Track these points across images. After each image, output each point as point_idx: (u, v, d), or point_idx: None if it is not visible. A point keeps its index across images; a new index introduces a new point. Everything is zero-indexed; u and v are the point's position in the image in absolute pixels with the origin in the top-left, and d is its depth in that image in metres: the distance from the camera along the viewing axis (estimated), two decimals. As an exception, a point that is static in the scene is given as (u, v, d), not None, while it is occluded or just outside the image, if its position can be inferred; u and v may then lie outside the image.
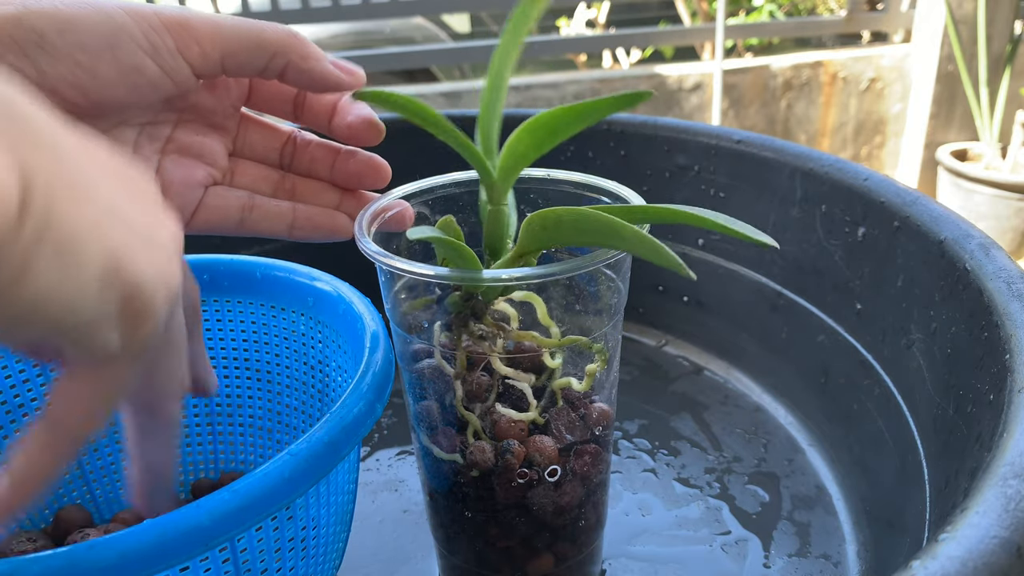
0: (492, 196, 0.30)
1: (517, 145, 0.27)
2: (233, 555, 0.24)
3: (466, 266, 0.28)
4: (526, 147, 0.27)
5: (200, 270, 0.38)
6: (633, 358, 0.58)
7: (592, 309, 0.32)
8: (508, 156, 0.28)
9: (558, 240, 0.28)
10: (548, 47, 2.00)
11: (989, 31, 1.91)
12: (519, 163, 0.28)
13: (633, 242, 0.25)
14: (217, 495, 0.22)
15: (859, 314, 0.44)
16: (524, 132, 0.27)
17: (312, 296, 0.35)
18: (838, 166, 0.45)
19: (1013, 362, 0.27)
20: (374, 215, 0.33)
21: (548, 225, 0.27)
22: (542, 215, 0.27)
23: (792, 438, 0.50)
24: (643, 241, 0.24)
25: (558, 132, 0.26)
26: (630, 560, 0.41)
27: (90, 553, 0.20)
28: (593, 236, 0.26)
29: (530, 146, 0.27)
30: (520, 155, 0.28)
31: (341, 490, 0.29)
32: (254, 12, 1.78)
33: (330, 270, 0.36)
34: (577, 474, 0.32)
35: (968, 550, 0.19)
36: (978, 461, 0.25)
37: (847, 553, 0.41)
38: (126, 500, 0.40)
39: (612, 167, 0.58)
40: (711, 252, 0.56)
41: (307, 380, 0.37)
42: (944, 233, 0.36)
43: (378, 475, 0.47)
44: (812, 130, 2.09)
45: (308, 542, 0.27)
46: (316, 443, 0.24)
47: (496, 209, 0.30)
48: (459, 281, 0.28)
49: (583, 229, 0.26)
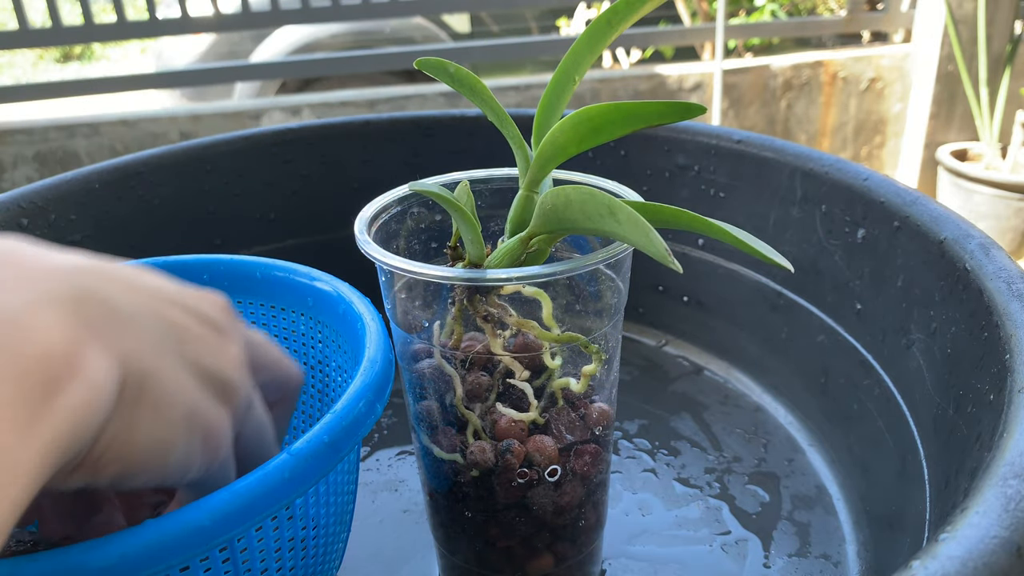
0: (526, 182, 0.30)
1: (559, 136, 0.27)
2: (233, 555, 0.24)
3: (468, 229, 0.29)
4: (567, 139, 0.27)
5: (200, 270, 0.37)
6: (633, 358, 0.58)
7: (592, 309, 0.32)
8: (548, 145, 0.27)
9: (566, 220, 0.27)
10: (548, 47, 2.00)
11: (989, 31, 1.91)
12: (558, 154, 0.28)
13: (627, 225, 0.25)
14: (217, 495, 0.22)
15: (859, 314, 0.44)
16: (568, 124, 0.26)
17: (312, 296, 0.35)
18: (838, 166, 0.45)
19: (1013, 362, 0.27)
20: (375, 215, 0.33)
21: (559, 204, 0.27)
22: (554, 193, 0.27)
23: (792, 438, 0.50)
24: (636, 225, 0.24)
25: (602, 131, 0.26)
26: (630, 560, 0.41)
27: (90, 553, 0.20)
28: (595, 220, 0.26)
29: (571, 139, 0.27)
30: (560, 146, 0.27)
31: (341, 490, 0.29)
32: (254, 12, 1.78)
33: (330, 269, 0.36)
34: (577, 474, 0.32)
35: (968, 550, 0.19)
36: (978, 461, 0.25)
37: (847, 553, 0.41)
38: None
39: (612, 167, 0.58)
40: (711, 252, 0.56)
41: (307, 380, 0.37)
42: (944, 233, 0.36)
43: (378, 475, 0.47)
44: (812, 130, 2.09)
45: (308, 542, 0.27)
46: (316, 443, 0.24)
47: (526, 195, 0.30)
48: (461, 281, 0.28)
49: (587, 212, 0.26)
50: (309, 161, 0.59)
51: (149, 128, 1.78)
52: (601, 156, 0.58)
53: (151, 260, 0.38)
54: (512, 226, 0.31)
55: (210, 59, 2.48)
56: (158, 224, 0.55)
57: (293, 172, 0.59)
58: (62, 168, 1.75)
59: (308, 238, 0.61)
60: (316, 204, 0.60)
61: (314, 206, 0.60)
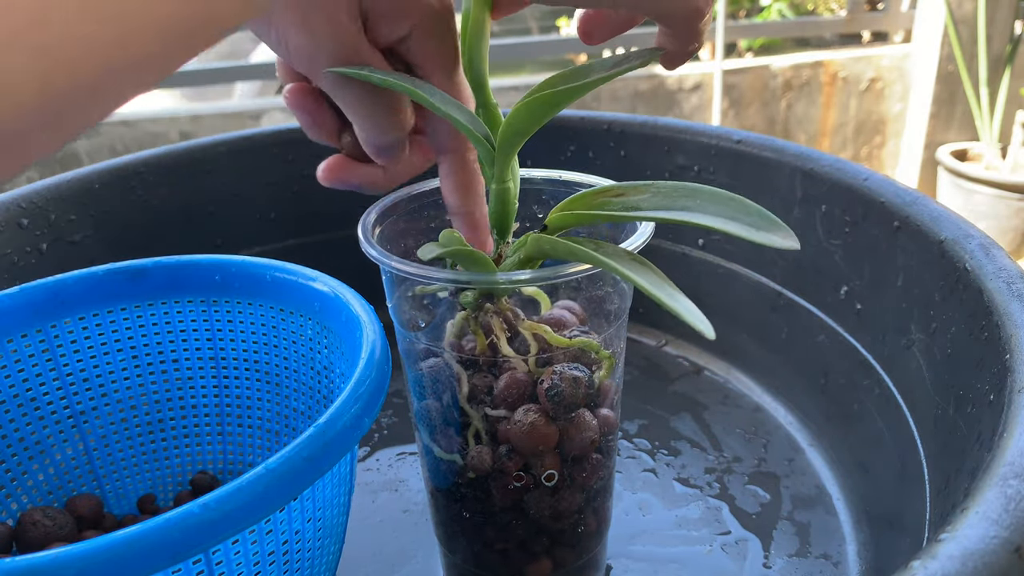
0: (495, 173, 0.30)
1: (515, 122, 0.27)
2: (208, 567, 0.24)
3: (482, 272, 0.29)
4: (522, 121, 0.27)
5: (211, 270, 0.38)
6: (633, 358, 0.58)
7: (599, 312, 0.32)
8: (507, 131, 0.28)
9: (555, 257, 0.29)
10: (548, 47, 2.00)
11: (989, 31, 1.91)
12: (517, 139, 0.28)
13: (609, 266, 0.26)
14: (189, 507, 0.21)
15: (859, 314, 0.44)
16: (521, 107, 0.26)
17: (319, 301, 0.35)
18: (838, 166, 0.45)
19: (1013, 362, 0.27)
20: (378, 218, 0.33)
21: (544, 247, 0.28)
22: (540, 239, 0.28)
23: (792, 438, 0.50)
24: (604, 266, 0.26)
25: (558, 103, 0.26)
26: (630, 560, 0.41)
27: (54, 562, 0.20)
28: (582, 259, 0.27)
29: (526, 120, 0.27)
30: (518, 131, 0.27)
31: (329, 503, 0.29)
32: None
33: (330, 269, 0.36)
34: (576, 480, 0.32)
35: (968, 550, 0.19)
36: (978, 461, 0.25)
37: (847, 553, 0.41)
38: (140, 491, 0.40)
39: (612, 167, 0.58)
40: (711, 252, 0.56)
41: (313, 385, 0.37)
42: (944, 233, 0.36)
43: (378, 475, 0.47)
44: (812, 130, 2.09)
45: (292, 555, 0.27)
46: (294, 458, 0.24)
47: (502, 188, 0.30)
48: (471, 285, 0.28)
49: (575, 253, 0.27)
50: (309, 161, 0.59)
51: (149, 128, 1.78)
52: (601, 156, 0.58)
53: (162, 259, 0.38)
54: (497, 219, 0.31)
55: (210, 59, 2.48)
56: (158, 224, 0.55)
57: (293, 172, 0.59)
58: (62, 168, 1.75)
59: (308, 238, 0.61)
60: (316, 204, 0.60)
61: (314, 206, 0.60)
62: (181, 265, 0.38)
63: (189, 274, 0.38)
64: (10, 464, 0.36)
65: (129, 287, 0.37)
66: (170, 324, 0.39)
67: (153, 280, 0.38)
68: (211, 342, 0.39)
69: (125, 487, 0.40)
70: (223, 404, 0.40)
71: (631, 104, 1.88)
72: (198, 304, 0.38)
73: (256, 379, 0.40)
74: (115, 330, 0.38)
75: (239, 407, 0.40)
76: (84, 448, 0.38)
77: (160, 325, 0.39)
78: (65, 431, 0.38)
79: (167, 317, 0.38)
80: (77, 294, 0.36)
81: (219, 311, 0.39)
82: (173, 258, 0.38)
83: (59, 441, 0.37)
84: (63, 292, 0.36)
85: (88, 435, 0.38)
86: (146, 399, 0.39)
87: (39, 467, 0.37)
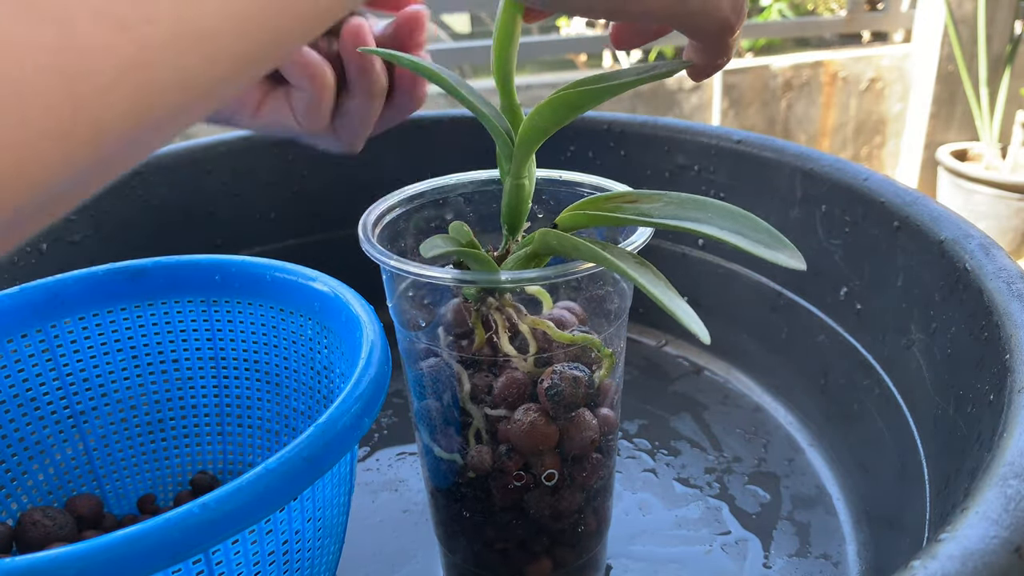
0: (512, 169, 0.30)
1: (538, 119, 0.27)
2: (208, 567, 0.24)
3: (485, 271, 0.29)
4: (546, 120, 0.27)
5: (212, 270, 0.38)
6: (633, 358, 0.58)
7: (599, 312, 0.32)
8: (528, 129, 0.28)
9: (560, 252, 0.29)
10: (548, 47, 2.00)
11: (989, 31, 1.91)
12: (539, 135, 0.28)
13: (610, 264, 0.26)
14: (189, 507, 0.21)
15: (859, 314, 0.44)
16: (545, 106, 0.27)
17: (319, 301, 0.35)
18: (838, 166, 0.45)
19: (1013, 362, 0.27)
20: (377, 218, 0.33)
21: (551, 241, 0.28)
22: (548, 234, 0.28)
23: (792, 438, 0.50)
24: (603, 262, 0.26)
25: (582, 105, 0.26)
26: (630, 560, 0.41)
27: (54, 562, 0.20)
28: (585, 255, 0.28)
29: (550, 120, 0.27)
30: (540, 128, 0.28)
31: (329, 503, 0.29)
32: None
33: (330, 269, 0.36)
34: (576, 480, 0.32)
35: (968, 550, 0.19)
36: (978, 461, 0.25)
37: (847, 553, 0.41)
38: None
39: (612, 167, 0.58)
40: (711, 252, 0.56)
41: (313, 385, 0.37)
42: (944, 233, 0.36)
43: (378, 475, 0.47)
44: (812, 130, 2.09)
45: (292, 555, 0.27)
46: (295, 458, 0.24)
47: (517, 183, 0.30)
48: (473, 284, 0.28)
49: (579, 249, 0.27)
50: (309, 161, 0.59)
51: (149, 128, 1.78)
52: (601, 156, 0.58)
53: (162, 259, 0.38)
54: (509, 215, 0.31)
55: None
56: (158, 224, 0.55)
57: (293, 172, 0.59)
58: (62, 168, 1.75)
59: (308, 238, 0.61)
60: (316, 204, 0.60)
61: (314, 206, 0.60)
62: (181, 265, 0.38)
63: (189, 274, 0.38)
64: (10, 464, 0.36)
65: (129, 287, 0.37)
66: (170, 324, 0.39)
67: (153, 280, 0.38)
68: (211, 342, 0.39)
69: (125, 487, 0.40)
70: (223, 404, 0.40)
71: (631, 104, 1.88)
72: (198, 304, 0.38)
73: (256, 379, 0.40)
74: (115, 330, 0.38)
75: (239, 407, 0.40)
76: (84, 448, 0.38)
77: (160, 325, 0.39)
78: (65, 431, 0.38)
79: (167, 317, 0.38)
80: (77, 294, 0.36)
81: (219, 311, 0.39)
82: (173, 258, 0.38)
83: (59, 441, 0.37)
84: (63, 292, 0.36)
85: (88, 435, 0.38)
86: (146, 399, 0.39)
87: (39, 467, 0.37)
